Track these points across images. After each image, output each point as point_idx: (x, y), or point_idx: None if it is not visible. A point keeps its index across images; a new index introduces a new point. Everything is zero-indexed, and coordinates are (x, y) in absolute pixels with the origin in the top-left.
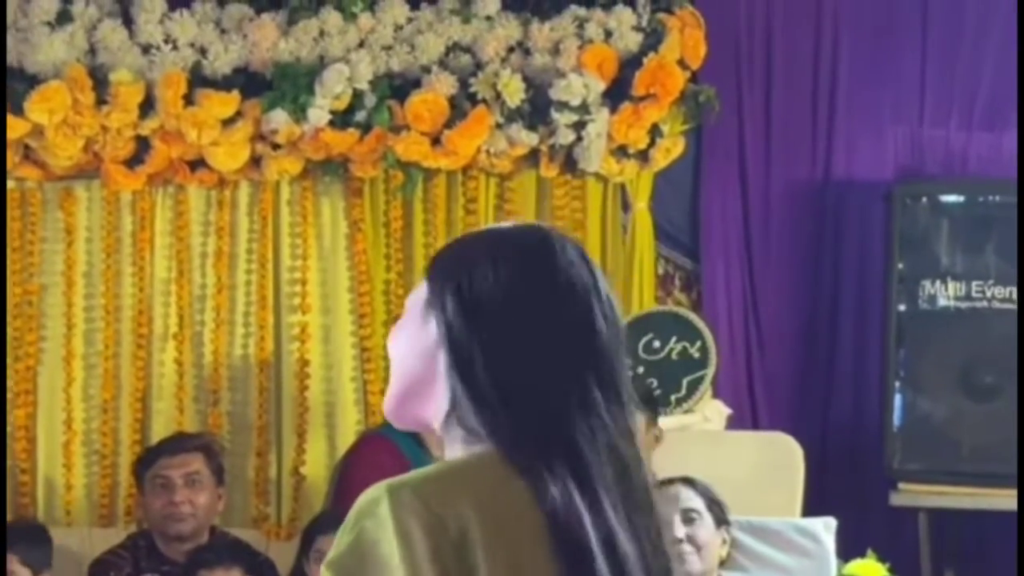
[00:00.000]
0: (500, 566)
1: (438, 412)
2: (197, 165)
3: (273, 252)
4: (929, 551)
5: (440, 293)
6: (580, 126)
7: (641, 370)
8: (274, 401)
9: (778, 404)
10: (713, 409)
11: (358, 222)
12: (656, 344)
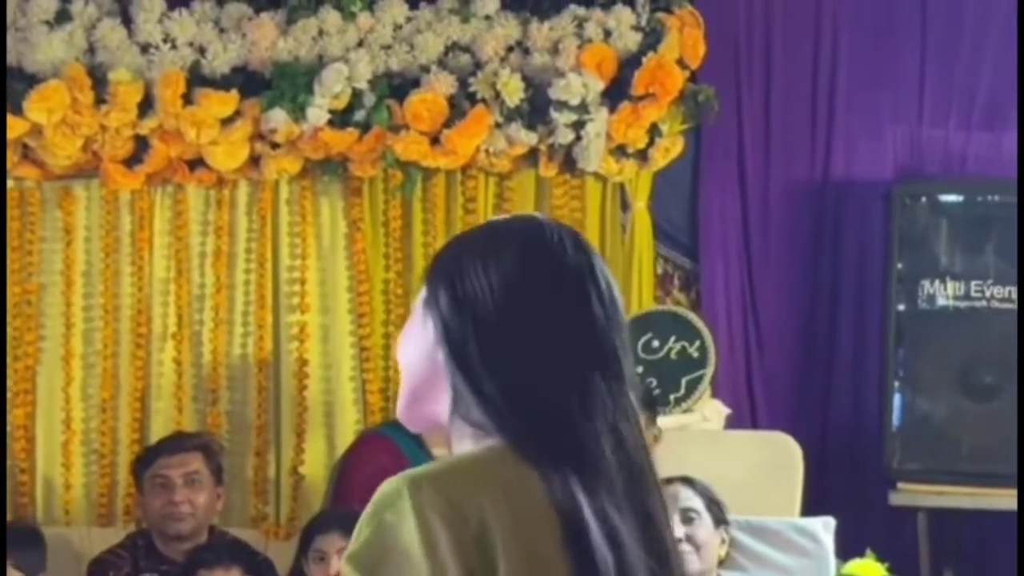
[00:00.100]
0: (518, 558)
1: (445, 409)
2: (196, 164)
3: (272, 251)
4: (928, 551)
5: (435, 291)
6: (579, 126)
7: (640, 370)
8: (273, 401)
9: (777, 404)
10: (712, 409)
11: (357, 222)
12: (655, 344)
